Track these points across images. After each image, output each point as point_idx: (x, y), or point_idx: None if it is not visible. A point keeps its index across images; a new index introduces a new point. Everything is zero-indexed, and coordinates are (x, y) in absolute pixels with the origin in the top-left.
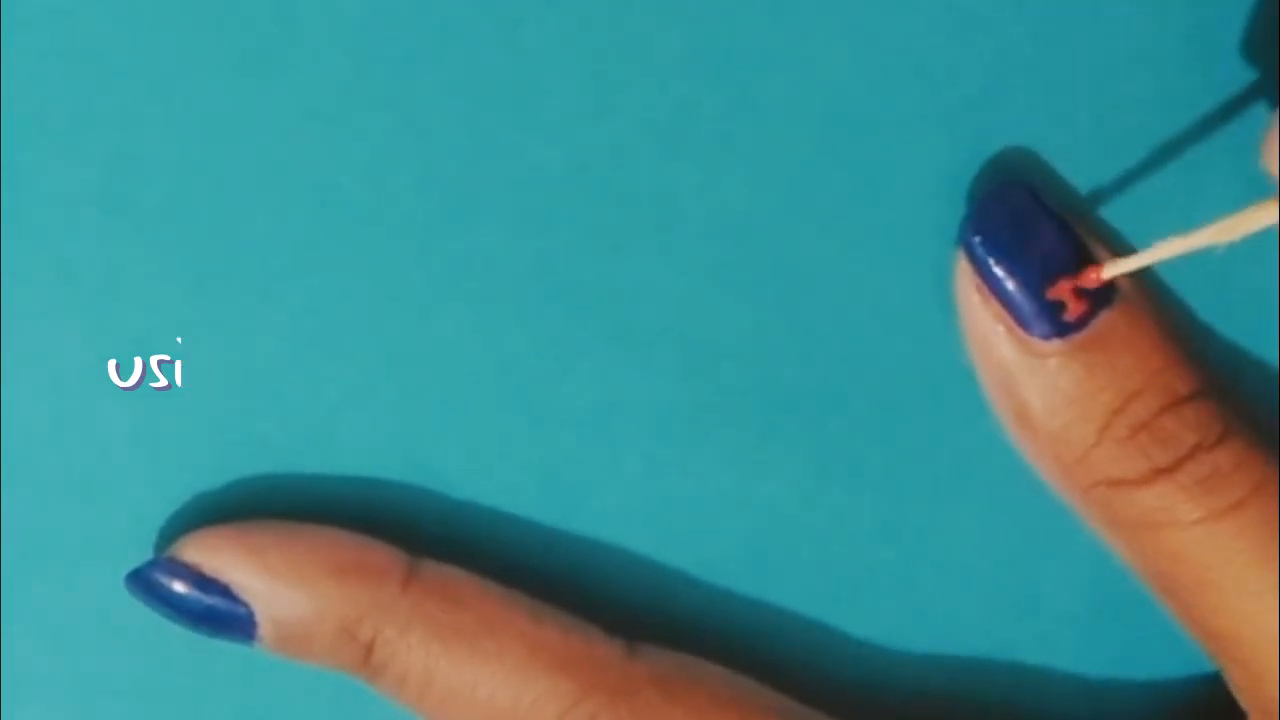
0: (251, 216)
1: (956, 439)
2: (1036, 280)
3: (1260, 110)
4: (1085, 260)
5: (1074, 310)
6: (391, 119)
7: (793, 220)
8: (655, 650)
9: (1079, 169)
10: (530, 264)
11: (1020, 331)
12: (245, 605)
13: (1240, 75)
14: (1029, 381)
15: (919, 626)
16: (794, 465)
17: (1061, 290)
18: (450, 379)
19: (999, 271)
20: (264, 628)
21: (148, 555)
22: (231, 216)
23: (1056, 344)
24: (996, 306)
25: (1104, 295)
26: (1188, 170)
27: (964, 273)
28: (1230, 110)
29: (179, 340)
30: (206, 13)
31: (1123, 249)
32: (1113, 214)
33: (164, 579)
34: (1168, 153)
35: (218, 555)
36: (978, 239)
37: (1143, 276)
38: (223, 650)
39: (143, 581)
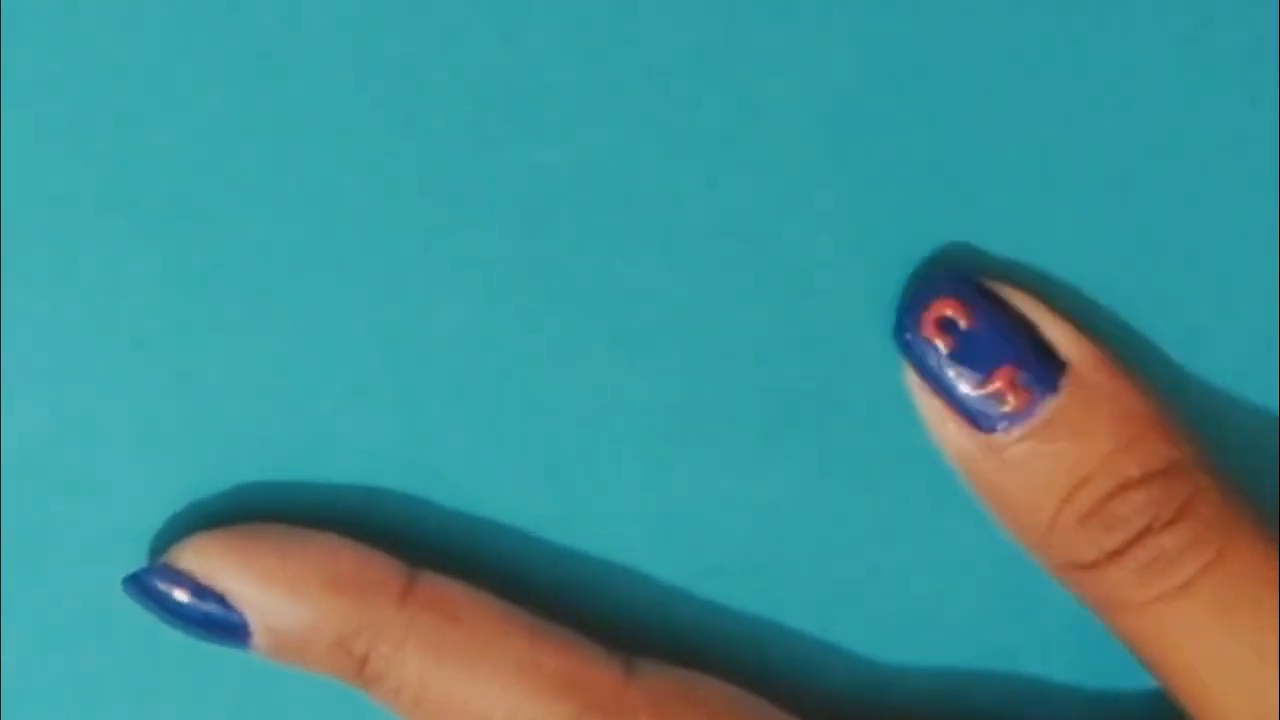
0: (252, 216)
1: None
2: (975, 375)
3: (1261, 112)
4: (1031, 338)
5: (1015, 403)
6: (393, 119)
7: (794, 221)
8: (655, 669)
9: (1079, 170)
10: (531, 265)
11: (968, 426)
12: (241, 614)
13: (1241, 76)
14: (985, 469)
15: (920, 631)
16: (795, 468)
17: (999, 381)
18: (450, 380)
19: (936, 371)
20: (259, 636)
21: (147, 555)
22: (232, 216)
23: (1003, 436)
24: (940, 403)
25: (1049, 381)
26: (1188, 170)
27: (908, 369)
28: (1231, 111)
29: (179, 340)
30: (207, 13)
31: (1073, 296)
32: (1113, 215)
33: (161, 585)
34: (1167, 154)
35: (214, 564)
36: (908, 337)
37: (1112, 347)
38: (221, 651)
39: (140, 587)
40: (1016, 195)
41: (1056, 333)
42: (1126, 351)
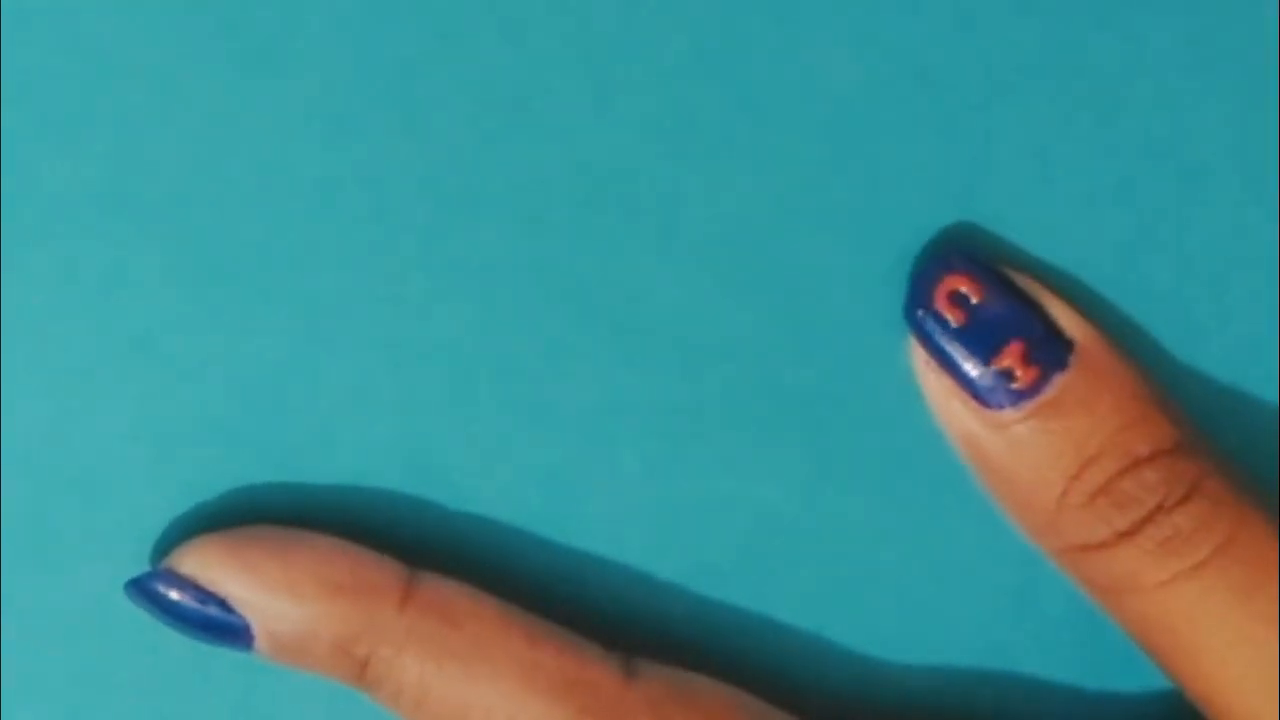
0: (252, 216)
1: None
2: (985, 350)
3: (1261, 112)
4: (1037, 317)
5: (1024, 378)
6: (392, 119)
7: (792, 221)
8: (655, 670)
9: (1079, 173)
10: (531, 265)
11: (974, 403)
12: (242, 618)
13: (1241, 78)
14: (991, 449)
15: (920, 631)
16: (793, 468)
17: (1009, 358)
18: (450, 380)
19: (946, 346)
20: (261, 640)
21: (148, 554)
22: (232, 216)
23: (1011, 412)
24: (949, 380)
25: (1057, 358)
26: (1187, 175)
27: (916, 347)
28: (1230, 115)
29: (179, 340)
30: (206, 13)
31: (1076, 292)
32: (1113, 219)
33: (163, 589)
34: (1166, 157)
35: (215, 569)
36: (920, 313)
37: (1108, 327)
38: (222, 652)
39: (142, 591)
40: (1016, 195)
41: (1061, 312)
42: (1127, 347)
